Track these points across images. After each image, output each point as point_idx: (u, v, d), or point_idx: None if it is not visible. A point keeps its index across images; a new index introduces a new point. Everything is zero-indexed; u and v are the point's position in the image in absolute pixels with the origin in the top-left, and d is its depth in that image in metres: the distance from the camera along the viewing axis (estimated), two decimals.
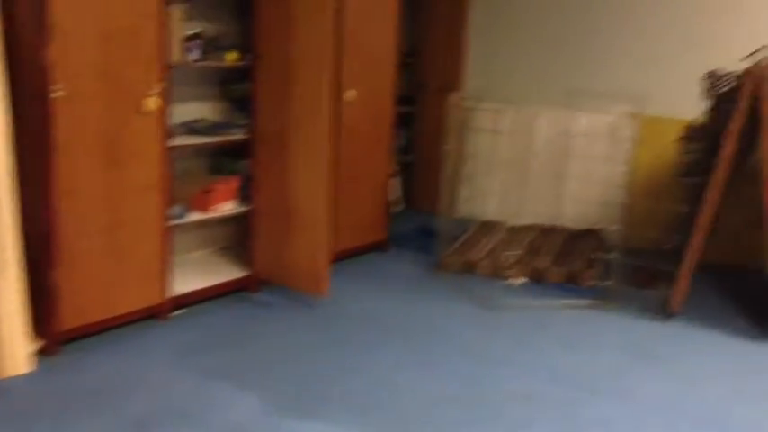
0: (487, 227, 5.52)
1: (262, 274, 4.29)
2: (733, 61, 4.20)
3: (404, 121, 6.25)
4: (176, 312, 3.90)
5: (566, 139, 5.18)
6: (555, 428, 2.98)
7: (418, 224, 5.67)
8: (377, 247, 5.11)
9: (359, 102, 4.71)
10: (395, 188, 6.04)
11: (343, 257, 4.78)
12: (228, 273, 4.28)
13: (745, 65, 4.07)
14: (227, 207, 4.24)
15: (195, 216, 4.10)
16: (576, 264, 4.74)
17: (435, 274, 4.73)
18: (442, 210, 4.77)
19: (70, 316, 3.42)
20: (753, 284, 4.35)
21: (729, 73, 4.23)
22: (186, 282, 4.02)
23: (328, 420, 2.99)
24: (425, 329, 3.90)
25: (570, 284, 4.58)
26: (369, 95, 4.79)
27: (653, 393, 3.30)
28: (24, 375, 3.21)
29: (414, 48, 6.22)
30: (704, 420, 3.09)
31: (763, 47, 4.12)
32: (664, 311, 4.14)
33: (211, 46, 4.20)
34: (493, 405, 3.14)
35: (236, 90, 4.46)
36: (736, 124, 3.90)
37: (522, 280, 4.60)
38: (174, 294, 3.87)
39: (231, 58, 4.17)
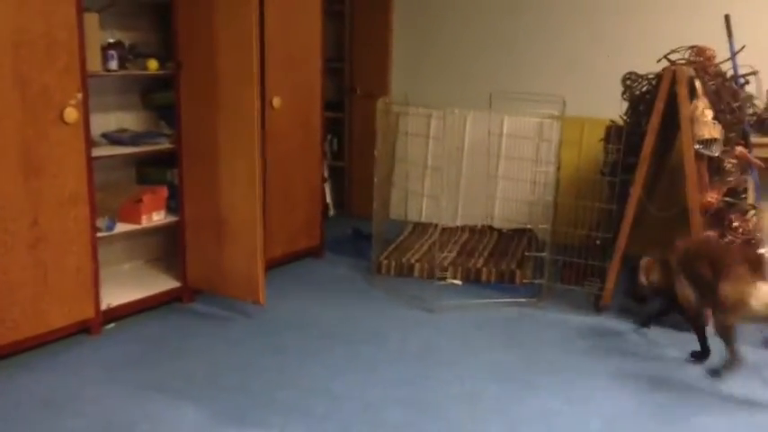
0: (421, 229, 5.57)
1: (196, 283, 4.20)
2: (650, 62, 4.36)
3: (333, 127, 6.25)
4: (109, 326, 3.78)
5: (493, 141, 5.27)
6: (497, 426, 3.02)
7: (352, 229, 5.66)
8: (311, 253, 5.08)
9: (286, 108, 4.67)
10: (326, 193, 6.02)
11: (277, 264, 4.73)
12: (161, 284, 4.17)
13: (662, 66, 4.24)
14: (157, 217, 4.14)
15: (124, 227, 3.99)
16: (509, 263, 4.82)
17: (371, 278, 4.73)
18: (375, 214, 4.78)
19: None
20: None
21: (647, 74, 4.39)
22: (118, 294, 3.90)
23: (269, 428, 2.94)
24: (364, 334, 3.89)
25: (504, 283, 4.66)
26: (296, 102, 4.76)
27: (589, 387, 3.38)
28: None
29: (339, 53, 6.23)
30: (639, 412, 3.19)
31: (679, 48, 4.31)
32: (595, 306, 4.26)
33: (131, 54, 4.10)
34: (435, 406, 3.16)
35: (158, 99, 4.36)
36: (653, 124, 4.06)
37: (457, 281, 4.65)
38: (105, 308, 3.74)
39: (152, 66, 4.07)
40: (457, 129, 5.54)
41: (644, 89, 4.40)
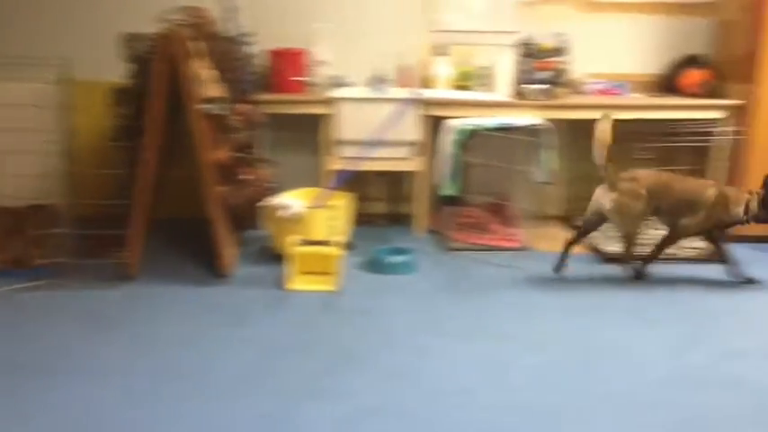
0: None
1: None
2: (152, 22, 4.27)
3: None
4: None
5: None
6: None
7: None
8: None
9: None
10: None
11: None
12: None
13: (160, 26, 4.17)
14: None
15: None
16: (22, 245, 4.38)
17: None
18: None
19: None
20: (202, 234, 4.60)
21: (147, 34, 4.29)
22: None
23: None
24: None
25: (18, 268, 4.22)
26: None
27: (112, 358, 3.27)
28: None
29: None
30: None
31: (178, 8, 4.28)
32: (123, 276, 4.13)
33: None
34: None
35: None
36: (158, 86, 3.99)
37: None
38: None
39: None
40: None
41: (146, 51, 4.31)
